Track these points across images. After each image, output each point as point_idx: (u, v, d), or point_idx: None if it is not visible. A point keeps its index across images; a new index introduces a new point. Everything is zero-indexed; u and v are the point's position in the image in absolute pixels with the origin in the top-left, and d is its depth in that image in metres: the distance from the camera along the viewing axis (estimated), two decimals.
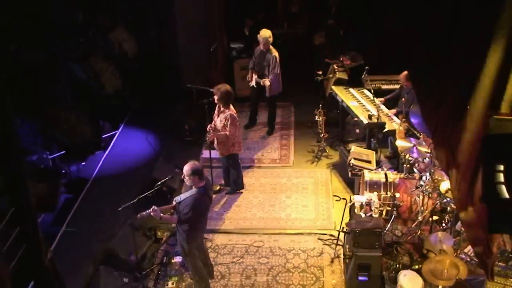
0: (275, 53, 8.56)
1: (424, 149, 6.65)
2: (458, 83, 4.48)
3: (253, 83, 8.85)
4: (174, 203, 5.68)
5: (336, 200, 7.44)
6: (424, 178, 6.56)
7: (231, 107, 7.11)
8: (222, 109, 7.11)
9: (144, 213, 5.64)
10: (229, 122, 6.99)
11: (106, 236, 6.61)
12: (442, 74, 4.80)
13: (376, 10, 9.77)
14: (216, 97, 7.02)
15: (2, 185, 4.24)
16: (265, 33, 8.47)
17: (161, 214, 5.54)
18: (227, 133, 7.03)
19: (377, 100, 7.95)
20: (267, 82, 8.56)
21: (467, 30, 4.25)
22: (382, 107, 8.04)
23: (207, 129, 7.20)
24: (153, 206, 5.51)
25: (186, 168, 5.46)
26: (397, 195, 6.59)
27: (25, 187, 4.18)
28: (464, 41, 4.34)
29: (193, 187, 5.52)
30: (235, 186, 7.73)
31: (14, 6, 6.66)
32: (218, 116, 7.17)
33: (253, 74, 8.79)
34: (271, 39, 8.48)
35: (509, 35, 3.62)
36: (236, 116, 7.16)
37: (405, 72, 7.57)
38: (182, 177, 5.74)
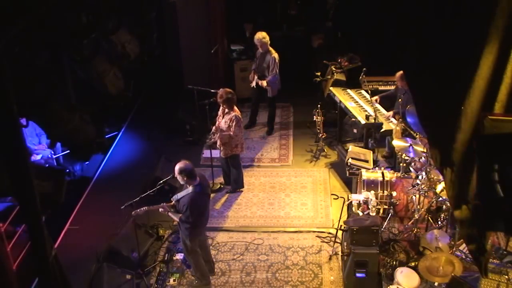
0: (274, 54, 8.65)
1: (420, 148, 6.74)
2: (452, 84, 4.59)
3: (253, 84, 8.96)
4: (172, 201, 5.80)
5: (334, 199, 7.52)
6: (420, 177, 6.65)
7: (235, 108, 7.22)
8: (226, 110, 7.21)
9: (138, 210, 5.79)
10: (233, 123, 7.10)
11: (109, 234, 6.71)
12: (436, 75, 4.91)
13: (372, 13, 9.87)
14: (220, 102, 7.12)
15: (8, 184, 4.33)
16: (258, 36, 8.57)
17: (168, 210, 5.73)
18: (231, 133, 7.14)
19: (373, 99, 8.06)
20: (264, 83, 8.66)
21: (461, 31, 4.36)
22: (379, 107, 8.14)
23: (212, 130, 7.29)
24: (163, 203, 5.77)
25: (175, 168, 5.61)
26: (394, 193, 6.70)
27: (30, 186, 4.25)
28: (458, 41, 4.44)
29: (189, 185, 5.63)
30: (236, 185, 7.83)
31: (18, 8, 6.75)
32: (223, 117, 7.28)
33: (255, 75, 8.90)
34: (265, 40, 8.55)
35: (503, 36, 3.73)
36: (241, 118, 7.28)
37: (401, 72, 7.65)
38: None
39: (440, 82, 4.73)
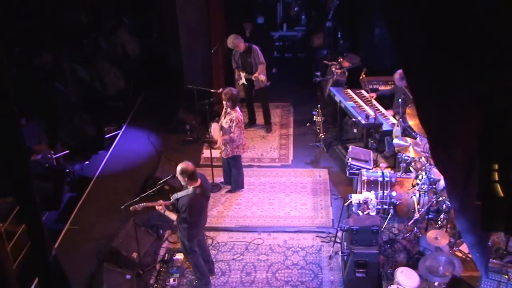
0: (254, 46, 8.70)
1: (420, 148, 6.75)
2: (453, 83, 4.59)
3: (243, 81, 8.96)
4: (172, 199, 5.80)
5: (334, 199, 7.54)
6: (420, 177, 6.65)
7: (237, 109, 7.22)
8: (228, 110, 7.21)
9: (137, 206, 5.78)
10: (234, 124, 7.10)
11: (109, 234, 6.71)
12: (437, 74, 4.91)
13: (371, 13, 9.89)
14: (224, 99, 7.12)
15: (8, 184, 4.33)
16: (229, 40, 8.63)
17: (165, 209, 5.72)
18: (232, 135, 7.14)
19: (369, 95, 8.07)
20: (261, 76, 8.66)
21: (462, 30, 4.36)
22: (377, 105, 8.15)
23: (212, 127, 7.28)
24: (160, 200, 5.74)
25: (177, 168, 5.60)
26: (394, 193, 6.70)
27: (30, 186, 4.25)
28: (458, 41, 4.45)
29: (189, 186, 5.64)
30: (236, 185, 7.83)
31: (20, 9, 6.76)
32: (224, 117, 7.28)
33: (241, 73, 8.90)
34: (237, 39, 8.61)
35: (504, 35, 3.73)
36: (242, 118, 7.28)
37: (399, 71, 7.65)
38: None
39: (441, 81, 4.73)
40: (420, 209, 6.66)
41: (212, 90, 8.11)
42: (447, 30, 4.36)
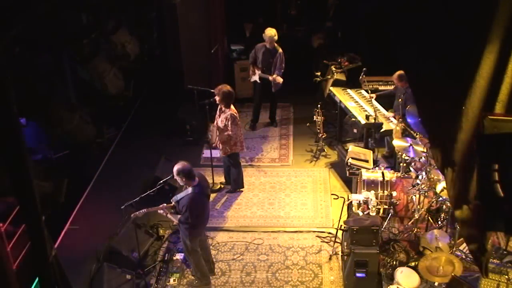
0: (280, 50, 8.72)
1: (420, 148, 6.75)
2: (453, 84, 4.59)
3: (255, 78, 8.94)
4: (172, 202, 5.80)
5: (334, 199, 7.53)
6: (420, 177, 6.66)
7: (232, 107, 7.22)
8: (223, 109, 7.21)
9: (138, 212, 5.78)
10: (230, 122, 7.09)
11: (109, 234, 6.71)
12: (437, 74, 4.91)
13: (371, 13, 9.88)
14: (217, 98, 7.12)
15: (8, 184, 4.33)
16: (271, 32, 8.61)
17: (168, 212, 5.73)
18: (229, 133, 7.13)
19: (370, 96, 8.08)
20: (279, 79, 8.69)
21: (462, 30, 4.36)
22: (378, 105, 8.15)
23: (210, 129, 7.29)
24: (164, 204, 5.76)
25: (174, 169, 5.60)
26: (394, 193, 6.70)
27: (30, 186, 4.25)
28: (458, 41, 4.45)
29: (188, 186, 5.63)
30: (235, 185, 7.83)
31: (19, 9, 6.75)
32: (219, 116, 7.28)
33: (256, 70, 8.89)
34: (276, 37, 8.64)
35: (504, 35, 3.73)
36: (237, 116, 7.27)
37: (398, 72, 7.64)
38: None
39: (441, 81, 4.73)
40: (420, 209, 6.67)
41: (212, 90, 8.10)
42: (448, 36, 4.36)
